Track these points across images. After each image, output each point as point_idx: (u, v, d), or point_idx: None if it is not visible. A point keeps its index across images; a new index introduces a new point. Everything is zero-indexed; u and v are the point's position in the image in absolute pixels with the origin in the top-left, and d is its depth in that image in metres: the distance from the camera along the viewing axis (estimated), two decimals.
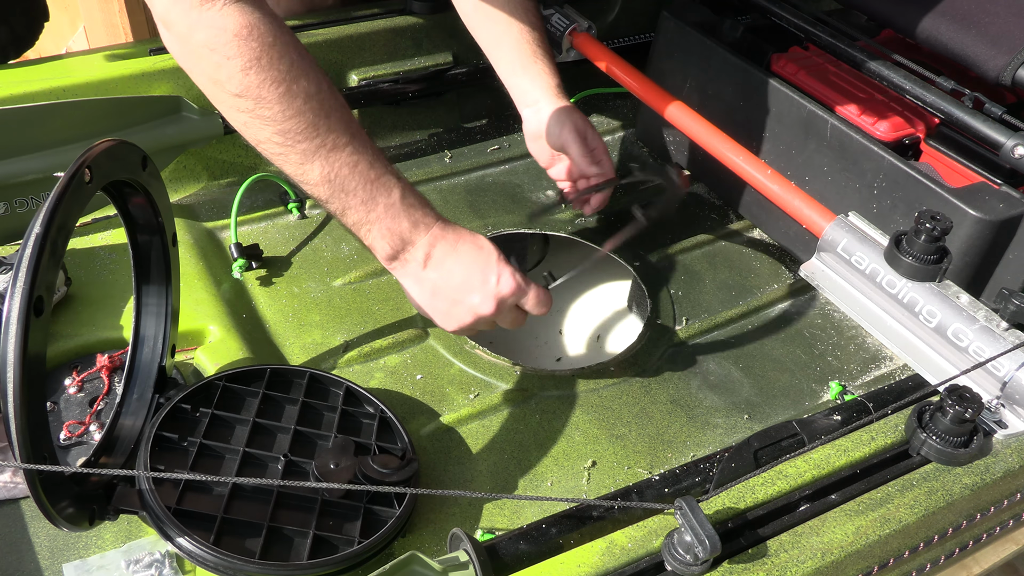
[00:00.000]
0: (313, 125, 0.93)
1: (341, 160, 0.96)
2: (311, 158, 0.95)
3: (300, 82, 0.92)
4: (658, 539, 0.81)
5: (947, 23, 1.33)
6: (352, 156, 0.96)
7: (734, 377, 1.29)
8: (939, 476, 0.91)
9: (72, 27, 2.56)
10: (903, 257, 1.09)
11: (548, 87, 1.38)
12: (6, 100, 1.32)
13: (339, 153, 0.96)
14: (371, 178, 0.98)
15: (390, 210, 0.99)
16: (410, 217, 1.01)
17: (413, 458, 1.03)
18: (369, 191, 0.98)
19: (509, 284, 1.04)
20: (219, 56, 0.89)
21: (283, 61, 0.91)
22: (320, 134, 0.94)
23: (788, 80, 1.48)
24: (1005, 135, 1.22)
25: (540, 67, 1.38)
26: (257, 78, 0.90)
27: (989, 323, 1.04)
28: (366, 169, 0.97)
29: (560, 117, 1.36)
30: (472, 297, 1.03)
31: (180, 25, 0.89)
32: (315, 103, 0.93)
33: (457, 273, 1.03)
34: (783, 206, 1.32)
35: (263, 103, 0.91)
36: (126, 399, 1.02)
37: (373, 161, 0.98)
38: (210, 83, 0.93)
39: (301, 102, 0.92)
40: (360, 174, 0.97)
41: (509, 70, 1.40)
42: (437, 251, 1.02)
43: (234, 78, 0.90)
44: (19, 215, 1.30)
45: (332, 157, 0.95)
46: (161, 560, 0.95)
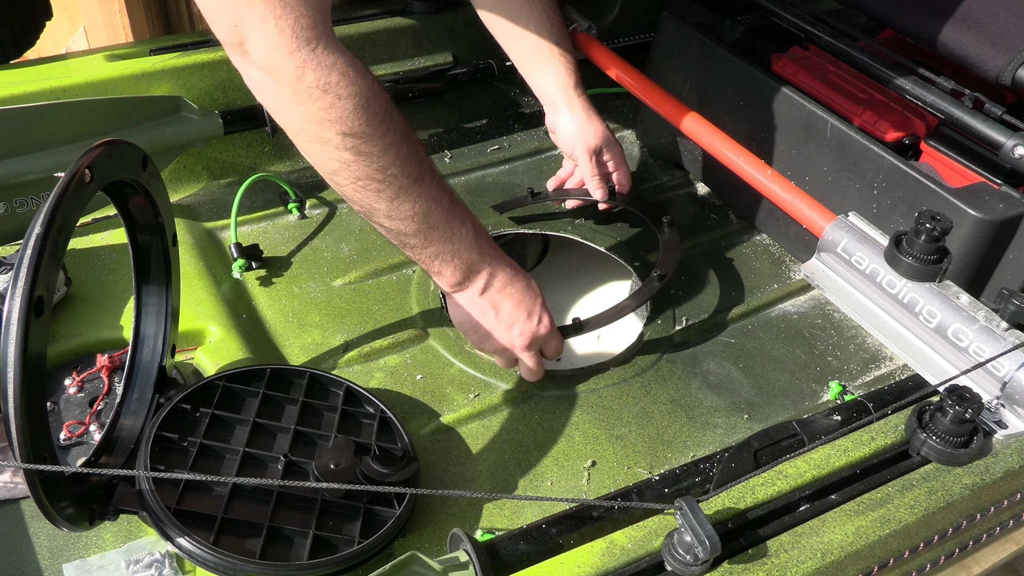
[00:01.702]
0: (408, 158, 0.96)
1: (428, 193, 0.99)
2: (406, 192, 0.97)
3: (395, 118, 0.95)
4: (658, 539, 0.81)
5: (947, 23, 1.33)
6: (436, 189, 1.00)
7: (734, 377, 1.29)
8: (939, 476, 0.91)
9: (72, 27, 2.56)
10: (903, 257, 1.09)
11: (564, 88, 1.37)
12: (6, 100, 1.32)
13: (426, 186, 0.98)
14: (448, 209, 1.02)
15: (465, 242, 1.04)
16: (480, 249, 1.06)
17: (413, 458, 1.03)
18: (449, 224, 1.02)
19: (546, 327, 1.13)
20: (332, 96, 0.89)
21: (382, 97, 0.93)
22: (414, 167, 0.97)
23: (788, 80, 1.47)
24: (1005, 135, 1.22)
25: (557, 66, 1.37)
26: (367, 115, 0.91)
27: (989, 323, 1.04)
28: (447, 202, 1.02)
29: (573, 130, 1.36)
30: (513, 329, 1.12)
31: (287, 69, 0.88)
32: (409, 136, 0.96)
33: (508, 305, 1.10)
34: (783, 206, 1.32)
35: (369, 140, 0.92)
36: (126, 399, 1.02)
37: (447, 190, 1.02)
38: (315, 125, 0.91)
39: (399, 136, 0.95)
40: (443, 207, 1.01)
41: (527, 68, 1.40)
42: (496, 282, 1.09)
43: (347, 117, 0.90)
44: (19, 215, 1.30)
45: (423, 191, 0.98)
46: (161, 560, 0.95)
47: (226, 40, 0.90)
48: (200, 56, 1.48)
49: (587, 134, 1.36)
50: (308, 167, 1.60)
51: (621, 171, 1.44)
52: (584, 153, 1.38)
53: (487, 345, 1.15)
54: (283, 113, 0.93)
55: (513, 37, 1.38)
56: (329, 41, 0.89)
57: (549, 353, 1.19)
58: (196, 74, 1.48)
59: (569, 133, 1.39)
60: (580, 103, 1.38)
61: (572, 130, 1.38)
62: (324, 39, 0.88)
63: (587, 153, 1.38)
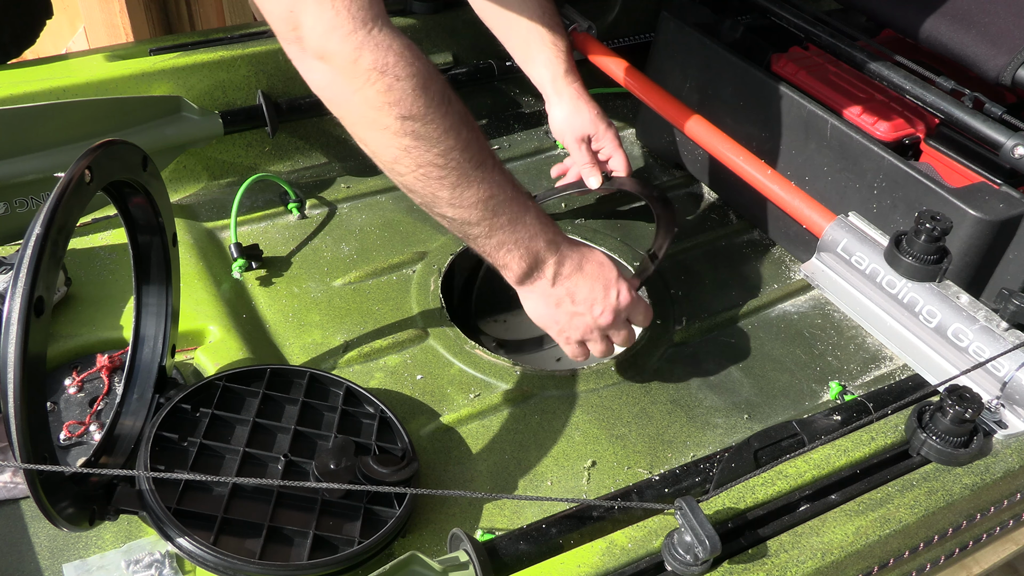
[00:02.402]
0: (469, 142, 0.93)
1: (491, 178, 0.95)
2: (468, 177, 0.94)
3: (453, 100, 0.92)
4: (658, 539, 0.81)
5: (947, 23, 1.33)
6: (499, 174, 0.96)
7: (734, 377, 1.29)
8: (939, 476, 0.91)
9: (72, 27, 2.56)
10: (903, 257, 1.09)
11: (553, 76, 1.35)
12: (6, 100, 1.32)
13: (488, 171, 0.95)
14: (512, 196, 0.98)
15: (529, 229, 1.00)
16: (545, 236, 1.02)
17: (413, 458, 1.03)
18: (513, 211, 0.98)
19: (627, 298, 1.09)
20: (390, 77, 0.87)
21: (438, 79, 0.90)
22: (476, 151, 0.94)
23: (788, 80, 1.47)
24: (1005, 135, 1.22)
25: (547, 54, 1.35)
26: (425, 97, 0.88)
27: (989, 323, 1.04)
28: (511, 189, 0.97)
29: (563, 119, 1.35)
30: (595, 308, 1.07)
31: (344, 51, 0.86)
32: (468, 120, 0.93)
33: (583, 288, 1.06)
34: (783, 206, 1.32)
35: (429, 123, 0.89)
36: (126, 399, 1.02)
37: (509, 177, 0.98)
38: (374, 110, 0.89)
39: (458, 119, 0.92)
40: (506, 193, 0.97)
41: (521, 58, 1.39)
42: (565, 268, 1.05)
43: (406, 99, 0.88)
44: (19, 215, 1.30)
45: (486, 176, 0.95)
46: (161, 560, 0.95)
47: (281, 29, 0.88)
48: (200, 56, 1.48)
49: (575, 121, 1.35)
50: (308, 167, 1.61)
51: (616, 156, 1.41)
52: (573, 141, 1.36)
53: (572, 334, 1.09)
54: (341, 102, 0.90)
55: (505, 27, 1.38)
56: (385, 22, 0.87)
57: (639, 320, 1.13)
58: (196, 74, 1.48)
59: (559, 122, 1.38)
60: (569, 91, 1.35)
61: (561, 118, 1.37)
62: (380, 20, 0.86)
63: (576, 141, 1.36)
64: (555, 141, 1.75)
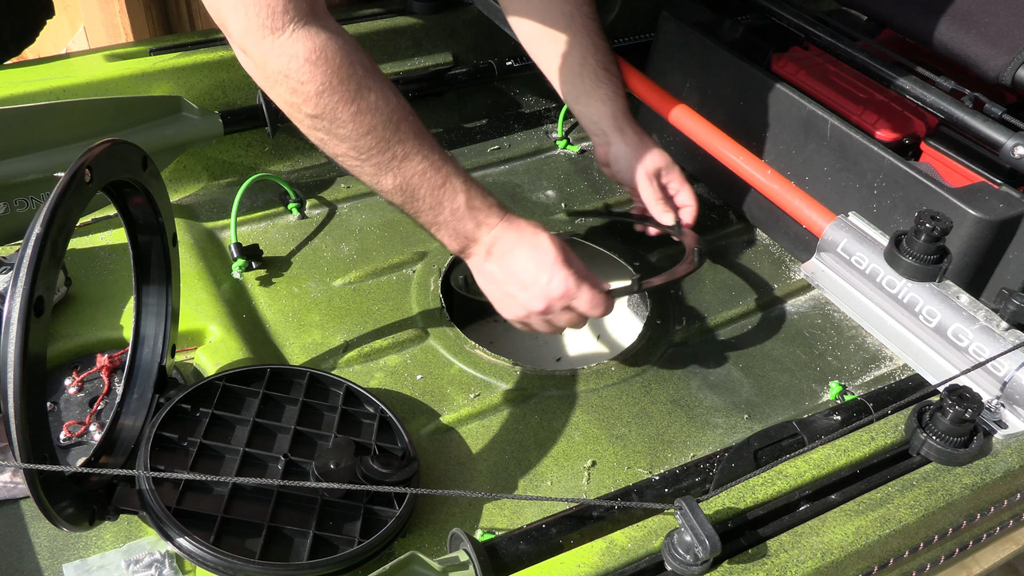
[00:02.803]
0: (384, 139, 0.98)
1: (411, 169, 1.00)
2: (384, 170, 1.00)
3: (369, 98, 0.96)
4: (658, 539, 0.81)
5: (947, 23, 1.33)
6: (420, 164, 1.01)
7: (734, 377, 1.29)
8: (939, 476, 0.91)
9: (72, 27, 2.56)
10: (903, 257, 1.09)
11: (613, 114, 1.30)
12: (6, 100, 1.32)
13: (408, 163, 1.00)
14: (437, 184, 1.02)
15: (456, 213, 1.04)
16: (474, 219, 1.05)
17: (413, 458, 1.03)
18: (436, 196, 1.03)
19: (560, 287, 1.06)
20: (293, 82, 0.93)
21: (352, 80, 0.94)
22: (391, 147, 0.99)
23: (788, 80, 1.47)
24: (1005, 135, 1.22)
25: (604, 92, 1.30)
26: (330, 100, 0.94)
27: (989, 323, 1.04)
28: (433, 175, 1.02)
29: (629, 155, 1.29)
30: (523, 293, 1.07)
31: (256, 54, 0.93)
32: (384, 116, 0.97)
33: (512, 269, 1.07)
34: (783, 206, 1.32)
35: (337, 123, 0.96)
36: (126, 399, 1.02)
37: (440, 166, 1.02)
38: (288, 106, 0.96)
39: (371, 118, 0.96)
40: (428, 181, 1.01)
41: (572, 96, 1.33)
42: (498, 248, 1.07)
43: (309, 101, 0.94)
44: (19, 215, 1.30)
45: (403, 167, 1.00)
46: (161, 560, 0.95)
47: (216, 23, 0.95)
48: (200, 56, 1.48)
49: (644, 157, 1.28)
50: (308, 167, 1.61)
51: (683, 191, 1.32)
52: (645, 177, 1.28)
53: (508, 313, 1.11)
54: (266, 92, 0.98)
55: (554, 62, 1.31)
56: (298, 26, 0.91)
57: (583, 308, 1.08)
58: (196, 74, 1.48)
59: (626, 159, 1.30)
60: (632, 128, 1.30)
61: (628, 155, 1.29)
62: (293, 25, 0.91)
63: (648, 176, 1.28)
64: (555, 141, 1.75)
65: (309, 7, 0.92)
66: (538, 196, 1.61)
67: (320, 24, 0.93)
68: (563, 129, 1.77)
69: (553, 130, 1.78)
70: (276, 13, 0.90)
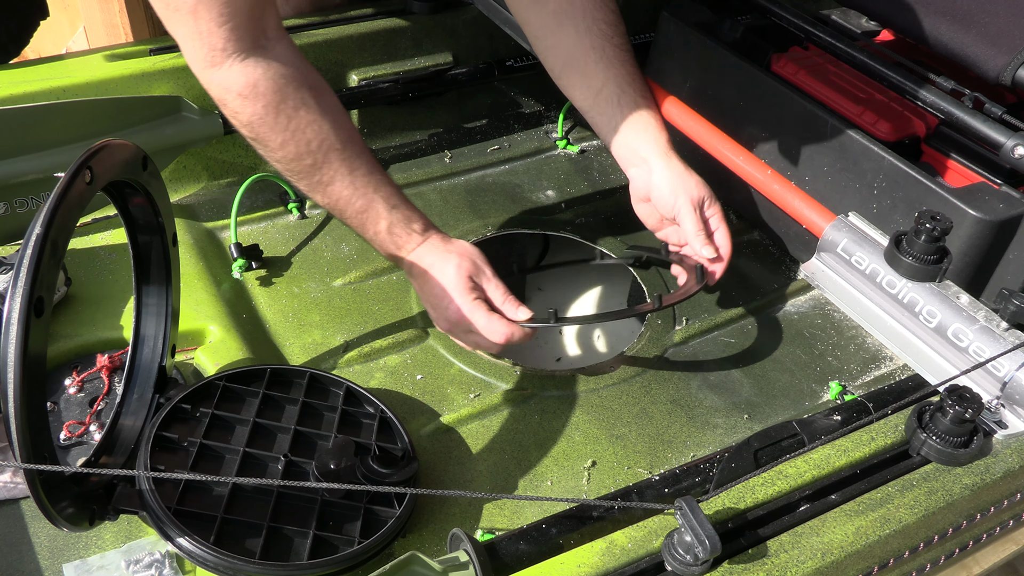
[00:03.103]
0: (310, 165, 1.07)
1: (336, 194, 1.10)
2: (313, 190, 1.11)
3: (296, 131, 1.05)
4: (658, 539, 0.81)
5: (947, 23, 1.33)
6: (345, 190, 1.10)
7: (734, 377, 1.29)
8: (939, 476, 0.91)
9: (72, 27, 2.56)
10: (903, 257, 1.09)
11: (658, 143, 1.26)
12: (6, 100, 1.32)
13: (333, 187, 1.10)
14: (360, 209, 1.11)
15: (378, 236, 1.14)
16: (394, 243, 1.14)
17: (413, 458, 1.03)
18: (360, 219, 1.13)
19: (455, 315, 1.12)
20: (229, 110, 1.04)
21: (281, 113, 1.03)
22: (317, 172, 1.08)
23: (788, 80, 1.47)
24: (1005, 135, 1.22)
25: (647, 121, 1.27)
26: (260, 129, 1.04)
27: (989, 323, 1.04)
28: (357, 200, 1.11)
29: (674, 182, 1.25)
30: (433, 313, 1.17)
31: (201, 80, 1.03)
32: (313, 145, 1.06)
33: (425, 291, 1.16)
34: (783, 206, 1.32)
35: (268, 148, 1.06)
36: (126, 399, 1.02)
37: (364, 191, 1.11)
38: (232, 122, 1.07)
39: (296, 147, 1.06)
40: (351, 206, 1.11)
41: (610, 127, 1.29)
42: (415, 270, 1.16)
43: (243, 127, 1.05)
44: (19, 215, 1.30)
45: (328, 191, 1.10)
46: (161, 560, 0.95)
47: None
48: None
49: (689, 185, 1.24)
50: None
51: (720, 229, 1.27)
52: (688, 205, 1.24)
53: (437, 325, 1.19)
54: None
55: (587, 95, 1.29)
56: (236, 61, 0.99)
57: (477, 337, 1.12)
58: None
59: (670, 186, 1.25)
60: (677, 157, 1.26)
61: (673, 183, 1.24)
62: (231, 60, 0.99)
63: (692, 205, 1.24)
64: (555, 141, 1.75)
65: (252, 41, 0.99)
66: (538, 196, 1.61)
67: (262, 55, 1.01)
68: (563, 129, 1.77)
69: (553, 130, 1.78)
70: (216, 50, 0.98)
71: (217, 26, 0.95)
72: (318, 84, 1.07)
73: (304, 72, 1.05)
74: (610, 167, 1.71)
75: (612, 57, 1.26)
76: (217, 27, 0.95)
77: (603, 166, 1.72)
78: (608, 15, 1.27)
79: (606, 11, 1.27)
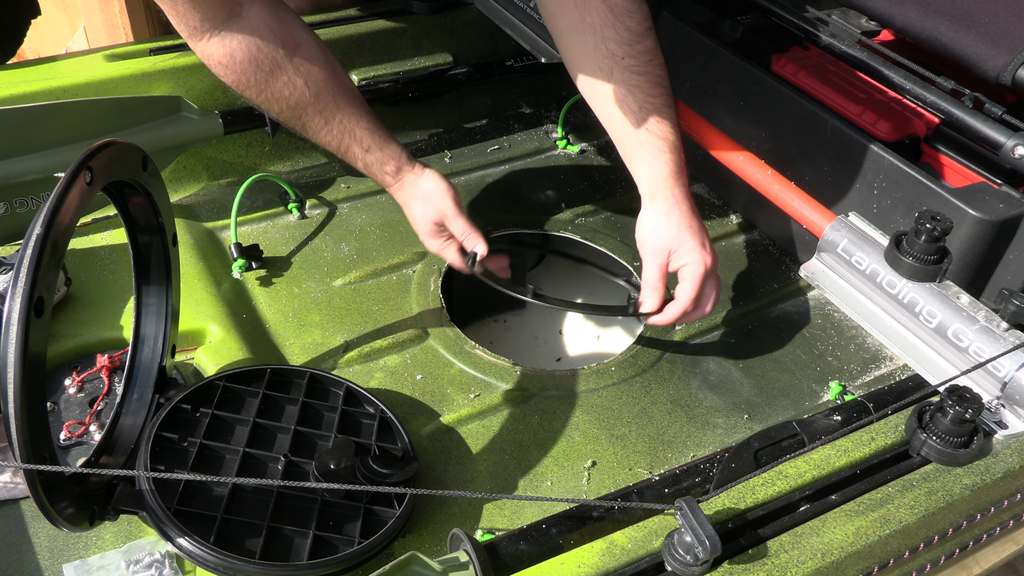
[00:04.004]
0: (292, 117, 1.18)
1: (322, 141, 1.22)
2: (302, 129, 1.21)
3: (274, 89, 1.15)
4: (658, 539, 0.81)
5: (947, 23, 1.33)
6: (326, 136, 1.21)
7: (734, 377, 1.29)
8: (939, 476, 0.91)
9: (72, 27, 2.56)
10: (903, 257, 1.09)
11: (650, 182, 1.17)
12: (6, 100, 1.32)
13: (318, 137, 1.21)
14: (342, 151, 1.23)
15: (367, 168, 1.25)
16: (381, 174, 1.26)
17: (413, 458, 1.03)
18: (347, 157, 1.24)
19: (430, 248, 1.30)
20: (214, 75, 1.14)
21: (258, 74, 1.13)
22: (299, 121, 1.19)
23: (788, 80, 1.47)
24: (1005, 135, 1.22)
25: (645, 155, 1.17)
26: (244, 90, 1.15)
27: (989, 323, 1.04)
28: (336, 144, 1.22)
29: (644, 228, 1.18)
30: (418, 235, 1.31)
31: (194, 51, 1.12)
32: (292, 102, 1.16)
33: (408, 216, 1.30)
34: (783, 206, 1.32)
35: (255, 99, 1.16)
36: (126, 399, 1.02)
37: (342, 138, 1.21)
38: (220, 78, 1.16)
39: (277, 104, 1.16)
40: (337, 150, 1.23)
41: (624, 155, 1.22)
42: (398, 199, 1.30)
43: (229, 84, 1.15)
44: (19, 215, 1.30)
45: (316, 139, 1.21)
46: (161, 560, 0.95)
47: None
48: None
49: (658, 236, 1.16)
50: (308, 167, 1.61)
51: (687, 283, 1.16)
52: (651, 255, 1.17)
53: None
54: None
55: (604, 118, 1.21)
56: (214, 35, 1.09)
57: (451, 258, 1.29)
58: (196, 74, 1.48)
59: (641, 231, 1.18)
60: (665, 196, 1.16)
61: (644, 228, 1.18)
62: (208, 34, 1.08)
63: (652, 254, 1.17)
64: (555, 141, 1.75)
65: (225, 14, 1.08)
66: (538, 196, 1.61)
67: (235, 25, 1.09)
68: (563, 129, 1.77)
69: (553, 130, 1.78)
70: (195, 29, 1.08)
71: (192, 7, 1.06)
72: (293, 39, 1.14)
73: (278, 32, 1.12)
74: (610, 167, 1.71)
75: (620, 80, 1.16)
76: (192, 8, 1.06)
77: (603, 166, 1.71)
78: (621, 33, 1.14)
79: (618, 29, 1.14)
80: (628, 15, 1.14)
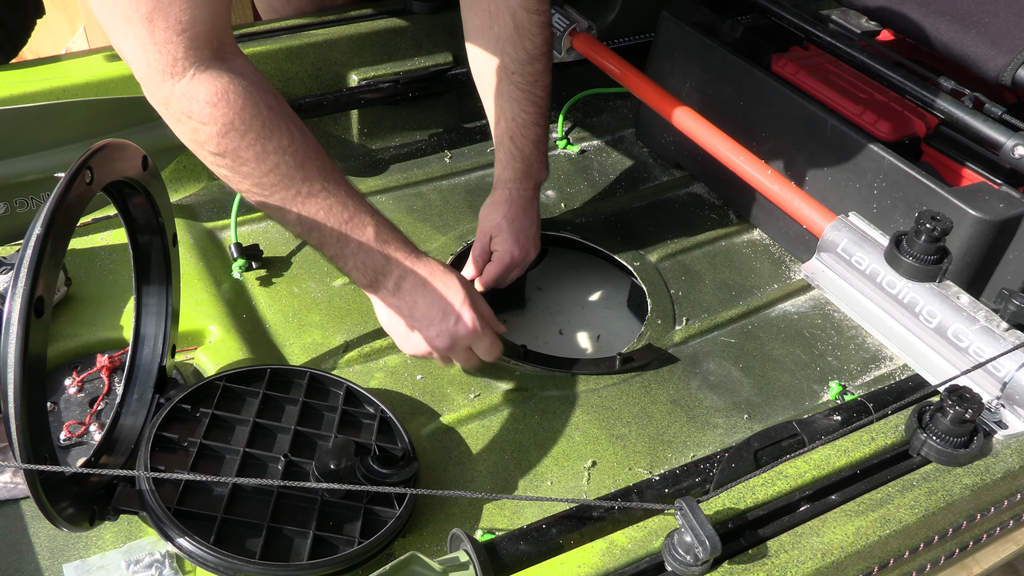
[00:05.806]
0: (287, 176, 0.99)
1: (316, 205, 1.02)
2: (288, 204, 1.02)
3: (273, 139, 0.98)
4: (658, 539, 0.81)
5: (947, 23, 1.33)
6: (326, 200, 1.02)
7: (734, 377, 1.29)
8: (939, 476, 0.91)
9: (72, 27, 2.56)
10: (903, 257, 1.09)
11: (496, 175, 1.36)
12: (6, 100, 1.32)
13: (313, 199, 1.02)
14: (344, 219, 1.04)
15: (363, 247, 1.06)
16: (383, 253, 1.07)
17: (413, 458, 1.03)
18: (343, 230, 1.04)
19: (466, 328, 1.10)
20: (195, 123, 0.94)
21: (255, 121, 0.96)
22: (295, 184, 1.00)
23: (788, 80, 1.48)
24: (1005, 135, 1.22)
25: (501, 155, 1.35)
26: (232, 141, 0.95)
27: (989, 323, 1.04)
28: (340, 211, 1.04)
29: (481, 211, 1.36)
30: (430, 330, 1.10)
31: (157, 94, 0.94)
32: (288, 156, 0.99)
33: (421, 306, 1.10)
34: (783, 206, 1.32)
35: (240, 161, 0.97)
36: (126, 399, 1.02)
37: (346, 202, 1.04)
38: (191, 143, 0.98)
39: (276, 157, 0.98)
40: (334, 216, 1.03)
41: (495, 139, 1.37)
42: (407, 283, 1.09)
43: (211, 141, 0.95)
44: (19, 215, 1.30)
45: (307, 203, 1.02)
46: (161, 560, 0.95)
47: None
48: None
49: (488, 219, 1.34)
50: None
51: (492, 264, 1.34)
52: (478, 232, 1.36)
53: (408, 347, 1.14)
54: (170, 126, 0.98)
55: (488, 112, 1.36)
56: (199, 71, 0.92)
57: (481, 353, 1.14)
58: None
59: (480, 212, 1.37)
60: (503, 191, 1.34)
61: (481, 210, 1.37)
62: (193, 70, 0.92)
63: (478, 233, 1.35)
64: (555, 141, 1.75)
65: (212, 51, 0.93)
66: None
67: (224, 66, 0.94)
68: (563, 129, 1.77)
69: (553, 130, 1.77)
70: (176, 60, 0.91)
71: (176, 34, 0.89)
72: (280, 98, 1.02)
73: (267, 85, 1.00)
74: (610, 167, 1.71)
75: (505, 91, 1.29)
76: (176, 35, 0.89)
77: (603, 166, 1.72)
78: (518, 52, 1.25)
79: (517, 48, 1.25)
80: (529, 38, 1.24)
